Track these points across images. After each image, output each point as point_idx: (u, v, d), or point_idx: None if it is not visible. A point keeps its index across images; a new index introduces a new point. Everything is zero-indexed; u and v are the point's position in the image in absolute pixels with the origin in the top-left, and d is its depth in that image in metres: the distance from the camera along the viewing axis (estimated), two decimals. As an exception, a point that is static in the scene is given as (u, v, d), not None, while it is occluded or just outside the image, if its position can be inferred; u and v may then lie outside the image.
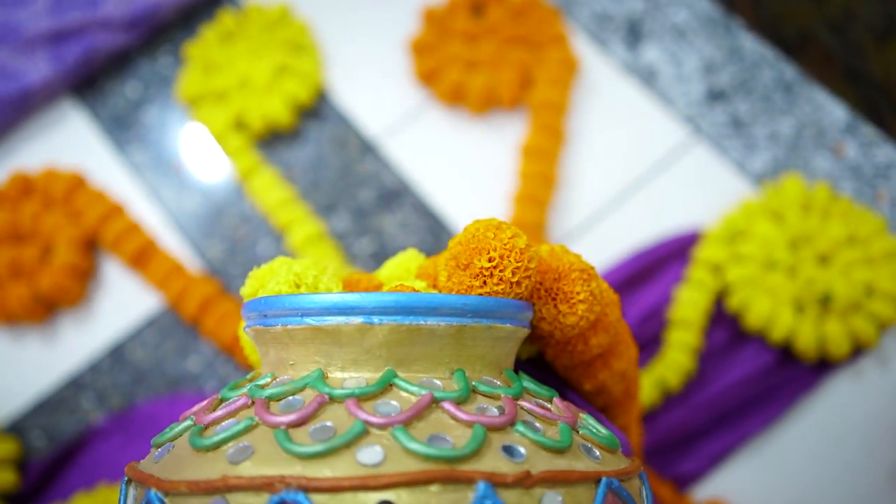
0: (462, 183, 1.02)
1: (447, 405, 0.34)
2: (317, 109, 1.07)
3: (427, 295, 0.36)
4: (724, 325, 0.92)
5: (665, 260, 0.95)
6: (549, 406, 0.38)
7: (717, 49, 1.04)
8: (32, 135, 1.08)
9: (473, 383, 0.37)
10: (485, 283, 0.39)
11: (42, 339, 0.99)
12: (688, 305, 0.90)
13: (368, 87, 1.08)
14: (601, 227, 0.98)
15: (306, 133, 1.07)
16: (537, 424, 0.36)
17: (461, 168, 1.03)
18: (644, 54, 1.06)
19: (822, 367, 0.89)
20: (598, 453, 0.36)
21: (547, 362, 0.49)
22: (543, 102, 1.01)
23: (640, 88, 1.04)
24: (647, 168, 1.00)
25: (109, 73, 1.11)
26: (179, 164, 1.05)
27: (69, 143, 1.08)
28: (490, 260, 0.39)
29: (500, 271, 0.39)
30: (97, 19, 1.07)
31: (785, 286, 0.88)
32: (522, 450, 0.33)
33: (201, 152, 1.07)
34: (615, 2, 1.08)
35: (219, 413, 0.36)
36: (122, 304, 1.00)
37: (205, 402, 0.39)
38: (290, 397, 0.36)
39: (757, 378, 0.89)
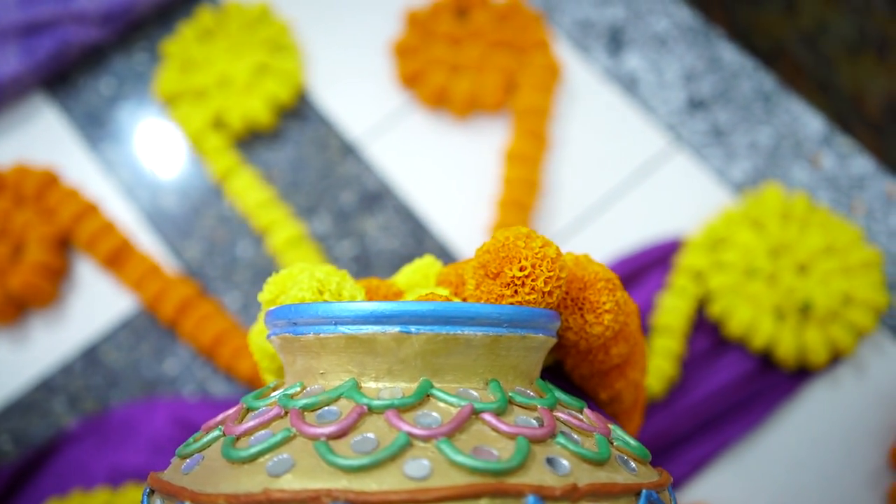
0: (445, 186, 1.02)
1: (488, 416, 0.34)
2: (297, 110, 1.06)
3: (464, 304, 0.36)
4: (705, 332, 0.92)
5: (647, 267, 0.95)
6: (581, 417, 0.38)
7: (698, 58, 1.06)
8: (2, 130, 1.05)
9: (509, 394, 0.36)
10: (516, 292, 0.39)
11: (12, 340, 0.96)
12: (670, 312, 0.91)
13: (350, 88, 1.07)
14: (583, 234, 0.99)
15: (287, 133, 1.05)
16: (575, 436, 0.35)
17: (444, 171, 1.02)
18: (626, 62, 1.06)
19: (801, 374, 0.90)
20: (633, 465, 0.36)
21: (560, 371, 0.49)
22: (527, 107, 1.01)
23: (622, 95, 1.05)
24: (628, 175, 1.01)
25: (82, 69, 1.09)
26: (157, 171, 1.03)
27: (41, 139, 1.05)
28: (522, 269, 0.39)
29: (532, 280, 0.39)
30: (70, 13, 1.04)
31: (765, 294, 0.90)
32: (566, 462, 0.33)
33: (178, 151, 1.05)
34: (597, 9, 1.09)
35: (251, 423, 0.35)
36: (95, 304, 0.98)
37: (231, 412, 0.38)
38: (325, 408, 0.35)
39: (738, 385, 0.90)
